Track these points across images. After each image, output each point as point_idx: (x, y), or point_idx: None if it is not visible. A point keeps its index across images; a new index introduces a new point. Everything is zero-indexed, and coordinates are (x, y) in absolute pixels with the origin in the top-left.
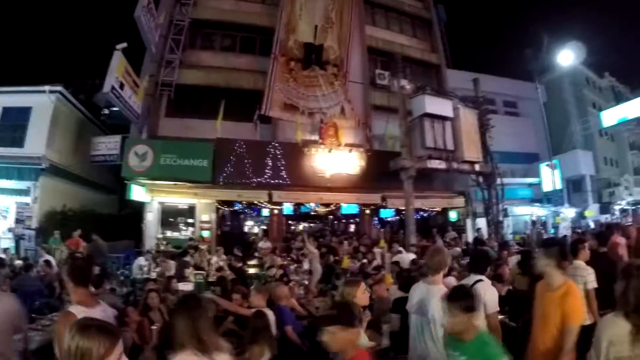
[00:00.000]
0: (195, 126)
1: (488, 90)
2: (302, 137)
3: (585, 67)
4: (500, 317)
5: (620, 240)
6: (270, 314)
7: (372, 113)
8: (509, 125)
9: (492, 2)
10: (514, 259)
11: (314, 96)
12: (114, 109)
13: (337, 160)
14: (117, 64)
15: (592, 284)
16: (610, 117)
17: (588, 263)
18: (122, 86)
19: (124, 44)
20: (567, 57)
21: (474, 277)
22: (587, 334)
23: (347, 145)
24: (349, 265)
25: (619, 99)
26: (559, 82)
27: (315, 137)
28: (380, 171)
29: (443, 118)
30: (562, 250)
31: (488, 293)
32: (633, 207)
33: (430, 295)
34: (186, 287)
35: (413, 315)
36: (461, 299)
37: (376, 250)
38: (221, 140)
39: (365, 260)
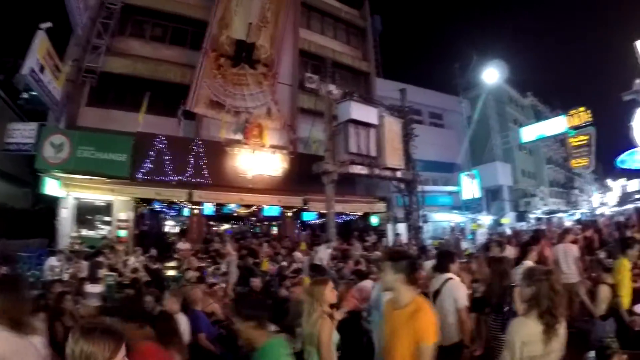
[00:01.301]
0: (117, 118)
1: (415, 101)
2: (226, 136)
3: (510, 86)
4: None
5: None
6: (184, 319)
7: (298, 116)
8: (434, 135)
9: (427, 18)
10: (429, 264)
11: (241, 95)
12: (34, 93)
13: (260, 161)
14: (39, 44)
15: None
16: (530, 133)
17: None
18: (42, 69)
19: (49, 24)
20: (492, 75)
21: (443, 276)
22: None
23: (271, 146)
24: (268, 267)
25: (539, 117)
26: (483, 98)
27: (240, 137)
28: (303, 174)
29: (368, 125)
30: (411, 264)
31: (459, 290)
32: (547, 216)
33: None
34: (94, 289)
35: (375, 311)
36: (243, 307)
37: (296, 253)
38: (142, 134)
39: (284, 263)
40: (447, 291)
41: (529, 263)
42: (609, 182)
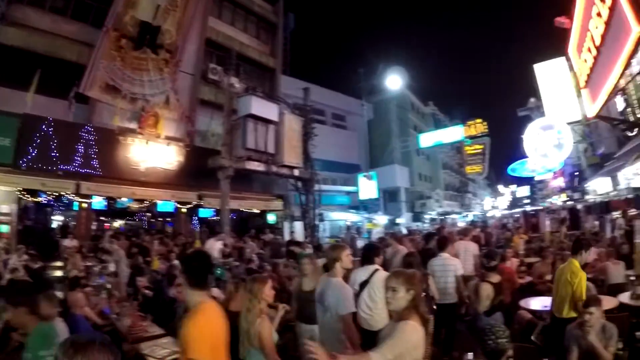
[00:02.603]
0: (2, 95)
1: (320, 101)
2: (119, 124)
3: (413, 94)
4: None
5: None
6: (61, 325)
7: (197, 107)
8: (336, 136)
9: (339, 21)
10: (320, 262)
11: (139, 80)
12: None
13: (154, 153)
14: None
15: (461, 270)
16: (428, 139)
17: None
18: None
19: None
20: (396, 82)
21: (371, 267)
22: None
23: (166, 137)
24: (159, 266)
25: (438, 125)
26: (386, 103)
27: (134, 126)
28: (199, 169)
29: (267, 121)
30: (203, 266)
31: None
32: (441, 217)
33: (329, 285)
34: None
35: (317, 304)
36: (12, 294)
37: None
38: (30, 116)
39: (176, 262)
40: (377, 281)
41: (446, 255)
42: (500, 187)
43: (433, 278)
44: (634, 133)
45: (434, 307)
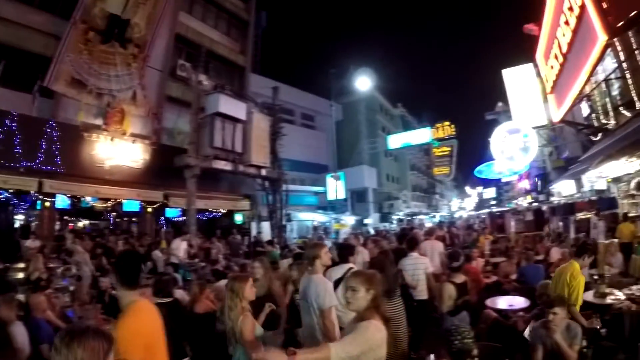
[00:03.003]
0: None
1: (290, 101)
2: (84, 120)
3: (382, 96)
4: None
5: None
6: (21, 329)
7: (165, 104)
8: (305, 136)
9: (311, 22)
10: (285, 262)
11: (106, 75)
12: None
13: (119, 150)
14: None
15: (430, 268)
16: (397, 141)
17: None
18: None
19: None
20: (365, 83)
21: (345, 266)
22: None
23: (132, 135)
24: None
25: (406, 127)
26: (356, 105)
27: (99, 122)
28: (165, 167)
29: (235, 120)
30: (132, 264)
31: None
32: (408, 218)
33: (310, 282)
34: None
35: (301, 301)
36: None
37: (156, 252)
38: None
39: None
40: None
41: (416, 254)
42: (468, 189)
43: (408, 276)
44: (597, 138)
45: (414, 303)
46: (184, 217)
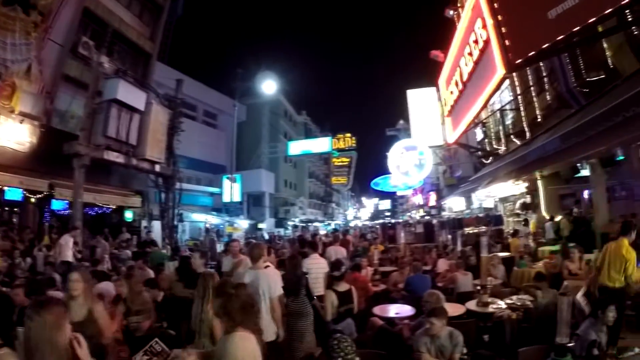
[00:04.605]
0: None
1: (193, 95)
2: None
3: (287, 101)
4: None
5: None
6: None
7: (60, 83)
8: (205, 134)
9: (226, 18)
10: (171, 265)
11: (2, 42)
12: None
13: (4, 130)
14: None
15: (327, 268)
16: (297, 147)
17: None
18: None
19: None
20: (271, 87)
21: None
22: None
23: (21, 113)
24: (1, 264)
25: (308, 135)
26: (260, 107)
27: None
28: (52, 154)
29: (133, 109)
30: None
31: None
32: (304, 225)
33: (259, 276)
34: None
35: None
36: None
37: (35, 251)
38: None
39: (19, 260)
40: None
41: (316, 255)
42: (364, 199)
43: (309, 275)
44: (488, 161)
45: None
46: (71, 211)
